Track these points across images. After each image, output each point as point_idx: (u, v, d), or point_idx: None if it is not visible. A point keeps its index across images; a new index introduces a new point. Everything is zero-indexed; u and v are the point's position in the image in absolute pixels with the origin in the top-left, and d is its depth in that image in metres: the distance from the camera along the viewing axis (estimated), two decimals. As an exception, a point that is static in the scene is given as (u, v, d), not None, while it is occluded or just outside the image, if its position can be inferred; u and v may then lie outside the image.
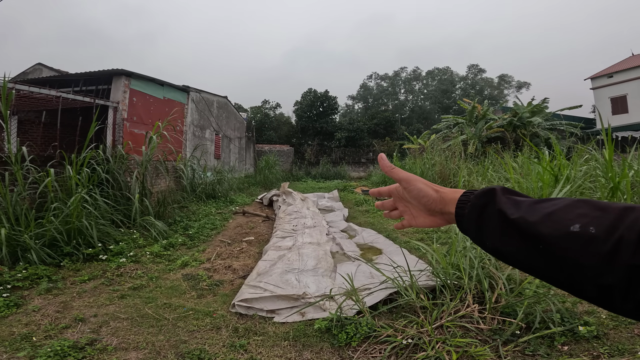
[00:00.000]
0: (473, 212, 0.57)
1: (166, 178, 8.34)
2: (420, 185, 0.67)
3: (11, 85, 5.44)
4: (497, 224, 0.52)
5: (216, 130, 13.70)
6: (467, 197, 0.59)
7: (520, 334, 2.46)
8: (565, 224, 0.45)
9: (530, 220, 0.48)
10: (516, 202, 0.52)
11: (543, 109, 15.20)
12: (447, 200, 0.63)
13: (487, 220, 0.54)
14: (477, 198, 0.57)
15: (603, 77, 24.53)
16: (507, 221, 0.51)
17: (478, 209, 0.56)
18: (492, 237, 0.53)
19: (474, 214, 0.56)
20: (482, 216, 0.55)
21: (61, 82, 8.34)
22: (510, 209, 0.51)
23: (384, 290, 3.20)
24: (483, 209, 0.55)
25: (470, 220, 0.57)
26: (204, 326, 2.97)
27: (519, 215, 0.49)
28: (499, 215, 0.52)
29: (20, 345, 2.62)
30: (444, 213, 0.64)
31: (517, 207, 0.51)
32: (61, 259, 4.27)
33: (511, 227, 0.50)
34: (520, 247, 0.49)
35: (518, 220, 0.49)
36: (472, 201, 0.57)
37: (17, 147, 4.93)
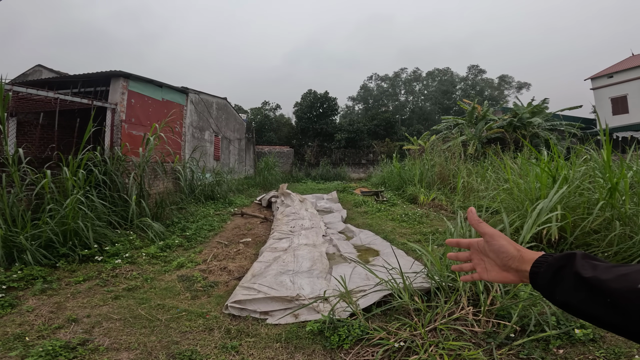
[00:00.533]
0: (548, 271, 0.63)
1: (164, 180, 8.33)
2: (503, 242, 0.72)
3: (9, 87, 5.45)
4: (571, 282, 0.59)
5: (215, 131, 13.70)
6: (545, 258, 0.65)
7: (515, 337, 2.43)
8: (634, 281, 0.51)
9: (603, 278, 0.55)
10: (593, 265, 0.58)
11: (543, 109, 15.17)
12: (526, 259, 0.68)
13: (561, 279, 0.61)
14: (555, 260, 0.63)
15: (603, 77, 24.47)
16: (579, 279, 0.57)
17: (554, 269, 0.62)
18: (564, 293, 0.60)
19: (548, 273, 0.63)
20: (556, 276, 0.61)
21: (60, 84, 8.35)
22: (586, 271, 0.57)
23: (377, 293, 3.18)
24: (559, 270, 0.61)
25: (544, 278, 0.63)
26: (197, 327, 2.96)
27: (593, 275, 0.56)
28: (574, 275, 0.58)
29: (12, 344, 2.62)
30: (519, 271, 0.69)
31: (594, 269, 0.57)
32: (57, 260, 4.27)
33: (583, 284, 0.57)
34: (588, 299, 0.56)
35: (591, 279, 0.56)
36: (549, 262, 0.63)
37: (15, 149, 4.93)
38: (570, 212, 4.16)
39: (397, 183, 12.34)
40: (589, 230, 4.00)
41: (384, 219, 7.66)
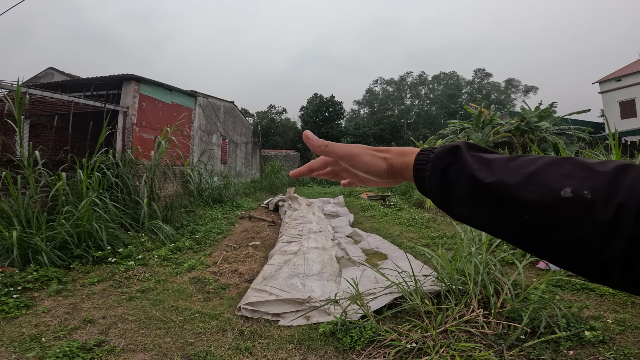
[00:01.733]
0: (435, 173, 0.49)
1: (174, 182, 8.44)
2: (367, 158, 0.58)
3: (24, 90, 5.57)
4: (468, 190, 0.44)
5: (223, 135, 13.83)
6: (425, 156, 0.51)
7: (526, 339, 2.46)
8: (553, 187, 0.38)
9: (510, 183, 0.41)
10: (485, 160, 0.45)
11: (551, 113, 15.08)
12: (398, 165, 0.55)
13: (453, 184, 0.46)
14: (438, 158, 0.49)
15: (611, 80, 24.23)
16: (480, 186, 0.43)
17: (440, 170, 0.48)
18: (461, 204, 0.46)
19: (436, 176, 0.48)
20: (447, 178, 0.47)
21: (73, 87, 8.52)
22: (481, 172, 0.44)
23: (388, 295, 3.21)
24: (446, 169, 0.47)
25: (432, 183, 0.49)
26: (210, 329, 3.00)
27: (495, 179, 0.42)
28: (469, 180, 0.44)
29: (29, 345, 2.66)
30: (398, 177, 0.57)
31: (489, 167, 0.44)
32: (71, 261, 4.34)
33: (486, 194, 0.42)
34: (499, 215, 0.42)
35: (495, 185, 0.42)
36: (432, 161, 0.49)
37: (30, 151, 5.04)
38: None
39: (404, 187, 12.34)
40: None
41: (391, 223, 7.68)
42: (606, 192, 0.35)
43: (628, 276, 0.34)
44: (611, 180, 0.36)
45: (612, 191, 0.35)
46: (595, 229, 0.35)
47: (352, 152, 0.58)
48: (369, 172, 0.58)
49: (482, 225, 0.46)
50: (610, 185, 0.36)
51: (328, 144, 0.59)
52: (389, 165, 0.56)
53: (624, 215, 0.34)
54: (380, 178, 0.58)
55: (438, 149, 0.50)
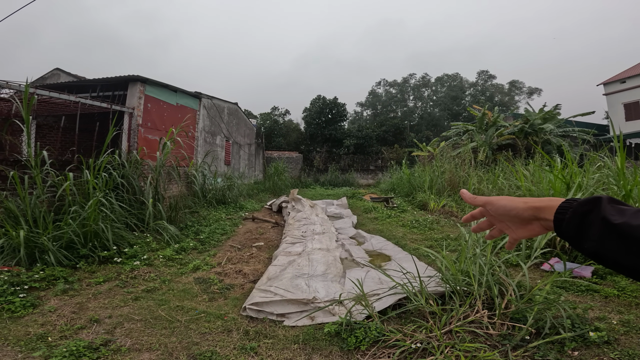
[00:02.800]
0: (574, 217, 0.59)
1: (178, 183, 8.49)
2: (504, 202, 0.71)
3: (32, 90, 5.63)
4: (599, 229, 0.55)
5: (227, 136, 13.89)
6: (569, 203, 0.62)
7: (530, 340, 2.46)
8: None
9: (634, 224, 0.51)
10: (621, 210, 0.55)
11: (555, 115, 15.04)
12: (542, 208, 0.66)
13: (589, 225, 0.57)
14: (581, 205, 0.60)
15: (616, 82, 24.12)
16: (609, 226, 0.54)
17: (580, 215, 0.59)
18: (592, 240, 0.56)
19: (575, 220, 0.59)
20: (584, 222, 0.58)
21: (79, 88, 8.60)
22: (614, 216, 0.54)
23: (393, 296, 3.22)
24: (586, 215, 0.58)
25: (570, 225, 0.60)
26: (216, 329, 3.02)
27: (623, 220, 0.53)
28: (602, 221, 0.55)
29: (35, 345, 2.65)
30: (540, 219, 0.66)
31: (622, 214, 0.54)
32: (77, 260, 4.37)
33: (613, 231, 0.53)
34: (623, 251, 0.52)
35: (622, 226, 0.52)
36: (574, 208, 0.60)
37: (37, 151, 5.09)
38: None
39: (407, 189, 12.35)
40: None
41: (394, 225, 7.68)
42: None
43: None
44: None
45: None
46: None
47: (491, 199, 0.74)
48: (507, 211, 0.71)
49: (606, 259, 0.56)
50: None
51: (475, 197, 0.78)
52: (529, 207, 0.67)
53: None
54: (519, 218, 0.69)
55: (582, 199, 0.61)
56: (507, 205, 0.70)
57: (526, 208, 0.68)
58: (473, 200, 0.78)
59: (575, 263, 4.02)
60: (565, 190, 4.72)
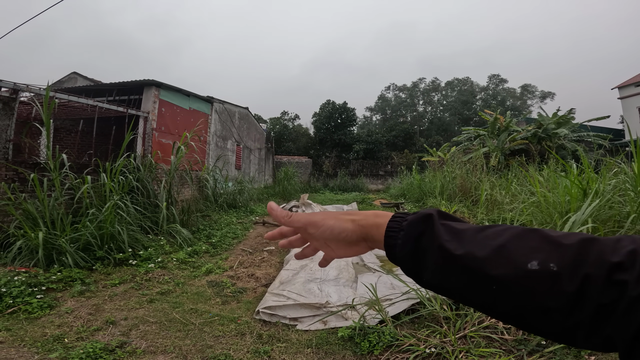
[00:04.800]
0: (407, 242, 0.50)
1: (191, 187, 8.59)
2: (331, 222, 0.59)
3: (52, 94, 5.77)
4: (439, 260, 0.47)
5: (237, 141, 14.02)
6: (397, 223, 0.53)
7: (546, 344, 2.43)
8: (520, 260, 0.41)
9: (479, 256, 0.43)
10: (456, 231, 0.47)
11: (569, 119, 14.80)
12: (368, 226, 0.56)
13: (425, 255, 0.49)
14: (411, 226, 0.51)
15: (630, 86, 23.59)
16: (450, 257, 0.45)
17: (413, 239, 0.50)
18: (433, 273, 0.48)
19: (408, 245, 0.50)
20: (419, 248, 0.49)
21: (96, 91, 8.79)
22: (451, 243, 0.46)
23: (406, 301, 3.20)
24: (419, 239, 0.49)
25: (404, 252, 0.51)
26: (229, 332, 3.04)
27: (465, 251, 0.45)
28: (440, 251, 0.47)
29: (52, 346, 2.68)
30: (368, 240, 0.57)
31: (459, 239, 0.46)
32: (93, 262, 4.45)
33: (456, 265, 0.45)
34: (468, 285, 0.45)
35: (464, 257, 0.44)
36: (405, 230, 0.51)
37: (57, 154, 5.21)
38: (601, 225, 4.08)
39: (417, 195, 12.26)
40: (621, 244, 3.92)
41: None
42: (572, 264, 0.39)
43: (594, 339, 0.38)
44: (577, 253, 0.39)
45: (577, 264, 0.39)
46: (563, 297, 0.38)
47: (315, 220, 0.60)
48: (335, 235, 0.58)
49: (451, 293, 0.48)
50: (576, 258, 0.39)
51: (291, 215, 0.62)
52: (358, 227, 0.57)
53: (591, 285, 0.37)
54: (347, 240, 0.58)
55: (411, 216, 0.52)
56: (335, 227, 0.58)
57: (354, 229, 0.57)
58: (289, 221, 0.62)
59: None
60: (582, 196, 4.63)
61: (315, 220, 0.60)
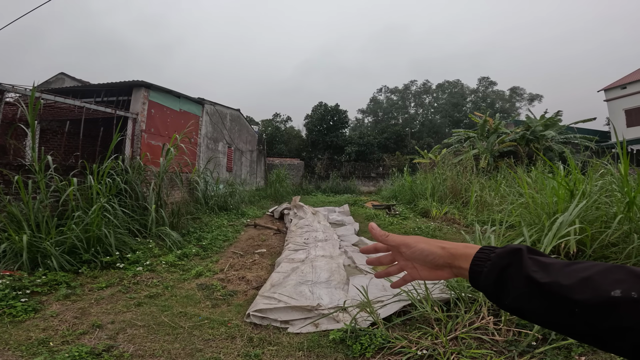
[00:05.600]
0: (493, 271, 0.57)
1: (181, 189, 8.49)
2: (422, 245, 0.67)
3: (38, 95, 5.66)
4: (524, 287, 0.52)
5: (229, 143, 13.93)
6: (485, 254, 0.59)
7: (537, 345, 2.44)
8: (604, 289, 0.46)
9: (565, 284, 0.49)
10: (544, 264, 0.53)
11: (556, 122, 15.06)
12: (457, 255, 0.63)
13: (510, 281, 0.54)
14: (499, 258, 0.57)
15: (616, 88, 24.03)
16: (536, 285, 0.51)
17: (499, 269, 0.56)
18: (515, 298, 0.54)
19: (493, 274, 0.57)
20: (503, 276, 0.55)
21: (83, 92, 8.62)
22: (538, 273, 0.52)
23: (397, 303, 3.19)
24: (505, 269, 0.56)
25: (488, 279, 0.57)
26: (219, 335, 3.00)
27: (551, 279, 0.50)
28: (526, 280, 0.52)
29: (37, 349, 2.64)
30: (453, 267, 0.64)
31: (546, 270, 0.52)
32: (79, 266, 4.36)
33: (541, 291, 0.51)
34: (550, 309, 0.50)
35: (550, 285, 0.50)
36: (493, 260, 0.57)
37: (42, 156, 5.10)
38: (588, 226, 4.14)
39: (409, 197, 12.32)
40: (607, 244, 3.99)
41: (396, 232, 7.65)
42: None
43: None
44: None
45: None
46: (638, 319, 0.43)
47: (408, 242, 0.69)
48: (424, 256, 0.67)
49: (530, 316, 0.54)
50: None
51: (388, 235, 0.72)
52: (447, 254, 0.64)
53: None
54: (434, 264, 0.66)
55: (499, 249, 0.59)
56: (425, 250, 0.66)
57: (443, 255, 0.65)
58: (385, 239, 0.72)
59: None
60: (569, 197, 4.70)
61: (409, 242, 0.69)
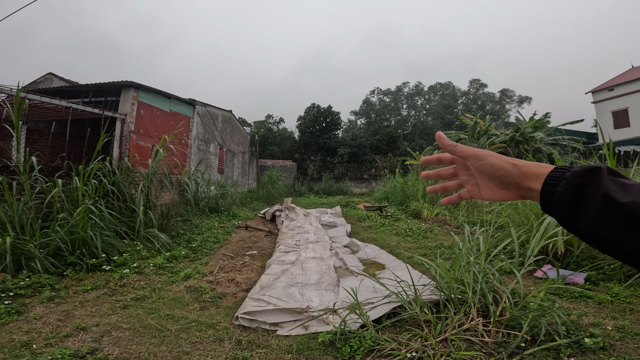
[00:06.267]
0: (568, 191, 0.51)
1: (170, 191, 8.39)
2: (493, 159, 0.61)
3: (23, 95, 5.55)
4: (600, 208, 0.47)
5: (220, 144, 13.83)
6: (560, 173, 0.54)
7: (526, 347, 2.45)
8: None
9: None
10: (624, 185, 0.48)
11: (545, 123, 15.26)
12: (529, 174, 0.57)
13: (585, 202, 0.49)
14: (575, 176, 0.51)
15: (604, 90, 24.46)
16: (613, 205, 0.46)
17: (575, 188, 0.50)
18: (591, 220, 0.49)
19: (568, 193, 0.51)
20: (578, 197, 0.50)
21: (71, 93, 8.49)
22: (618, 193, 0.47)
23: (387, 305, 3.18)
24: (582, 189, 0.50)
25: (562, 200, 0.51)
26: (207, 338, 2.95)
27: (631, 199, 0.45)
28: (604, 199, 0.47)
29: (19, 352, 2.59)
30: (522, 188, 0.58)
31: (626, 190, 0.47)
32: (64, 268, 4.28)
33: (617, 212, 0.46)
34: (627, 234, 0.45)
35: (630, 205, 0.45)
36: (568, 179, 0.52)
37: (27, 157, 5.00)
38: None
39: (401, 198, 12.37)
40: (595, 245, 4.04)
41: (388, 234, 7.66)
42: None
43: None
44: None
45: None
46: None
47: (478, 153, 0.63)
48: (493, 171, 0.61)
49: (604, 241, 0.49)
50: None
51: (457, 145, 0.66)
52: (517, 171, 0.58)
53: None
54: (501, 180, 0.60)
55: (577, 168, 0.53)
56: (495, 165, 0.60)
57: (513, 172, 0.59)
58: (454, 150, 0.66)
59: (568, 270, 4.03)
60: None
61: (479, 154, 0.63)
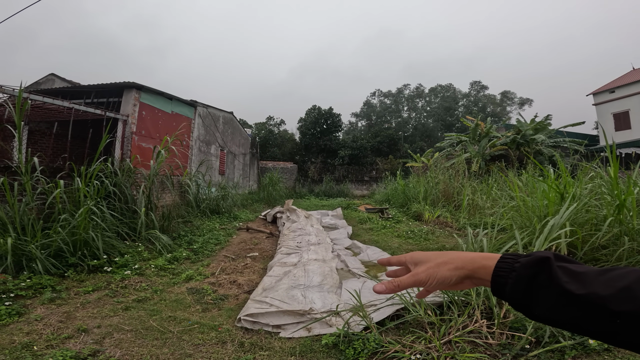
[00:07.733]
0: (519, 284, 0.54)
1: (172, 192, 8.38)
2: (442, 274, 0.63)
3: (26, 95, 5.55)
4: (556, 299, 0.50)
5: (221, 146, 13.83)
6: (508, 264, 0.56)
7: (530, 349, 2.43)
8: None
9: (603, 294, 0.47)
10: (575, 273, 0.51)
11: (546, 125, 15.25)
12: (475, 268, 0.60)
13: (539, 293, 0.52)
14: (524, 268, 0.54)
15: (605, 92, 24.39)
16: (570, 297, 0.49)
17: (525, 280, 0.53)
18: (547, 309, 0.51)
19: (520, 286, 0.54)
20: (531, 288, 0.53)
21: (73, 94, 8.48)
22: (572, 284, 0.49)
23: (390, 307, 3.16)
24: (532, 279, 0.53)
25: (514, 292, 0.54)
26: (210, 340, 2.94)
27: (587, 291, 0.48)
28: (558, 292, 0.50)
29: (20, 354, 2.58)
30: (473, 278, 0.61)
31: (579, 280, 0.49)
32: (66, 269, 4.26)
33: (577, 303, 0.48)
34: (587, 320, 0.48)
35: (588, 297, 0.48)
36: (518, 271, 0.54)
37: (28, 158, 5.00)
38: (579, 229, 4.17)
39: (402, 200, 12.34)
40: (597, 246, 4.02)
41: (389, 236, 7.64)
42: None
43: None
44: None
45: None
46: None
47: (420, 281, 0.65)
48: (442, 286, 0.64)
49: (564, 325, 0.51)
50: None
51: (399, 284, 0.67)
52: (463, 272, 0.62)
53: None
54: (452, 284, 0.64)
55: (524, 258, 0.56)
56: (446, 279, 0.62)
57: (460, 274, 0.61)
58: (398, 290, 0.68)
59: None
60: (559, 200, 4.74)
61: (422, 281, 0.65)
